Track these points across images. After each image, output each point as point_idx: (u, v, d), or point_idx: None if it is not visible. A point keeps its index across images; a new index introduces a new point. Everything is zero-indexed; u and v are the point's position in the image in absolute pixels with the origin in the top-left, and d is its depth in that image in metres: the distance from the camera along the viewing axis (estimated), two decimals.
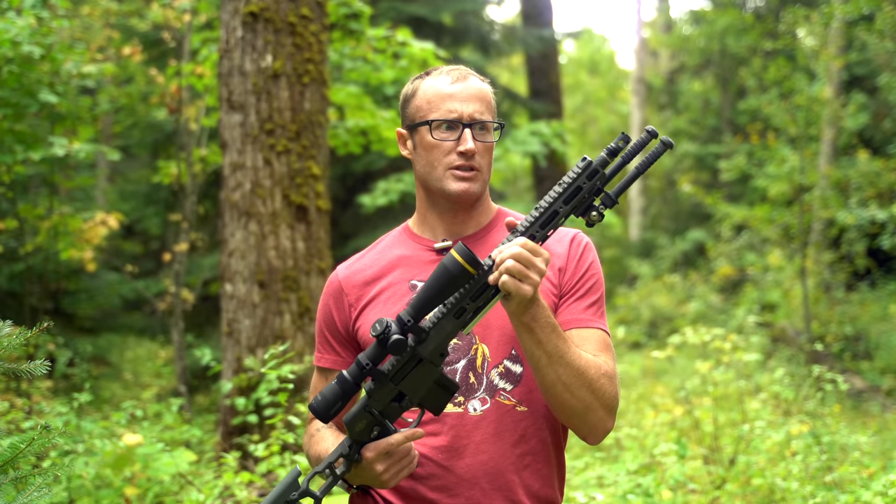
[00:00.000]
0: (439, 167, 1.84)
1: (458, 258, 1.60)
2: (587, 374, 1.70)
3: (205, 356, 4.88)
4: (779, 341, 10.63)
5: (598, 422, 1.75)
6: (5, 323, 1.86)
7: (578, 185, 1.64)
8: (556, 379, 1.69)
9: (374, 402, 1.70)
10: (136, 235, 12.18)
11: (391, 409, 1.70)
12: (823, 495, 3.74)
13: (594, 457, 5.15)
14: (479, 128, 1.84)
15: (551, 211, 1.64)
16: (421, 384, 1.69)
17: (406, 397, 1.70)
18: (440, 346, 1.67)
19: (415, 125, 1.87)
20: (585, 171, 1.63)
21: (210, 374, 6.59)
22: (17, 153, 6.19)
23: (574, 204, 1.65)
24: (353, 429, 1.70)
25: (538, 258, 1.60)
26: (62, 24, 6.37)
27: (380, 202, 8.65)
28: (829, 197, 11.37)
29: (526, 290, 1.60)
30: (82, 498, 3.99)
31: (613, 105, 25.77)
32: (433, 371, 1.68)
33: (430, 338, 1.67)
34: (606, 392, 1.74)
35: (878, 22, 10.49)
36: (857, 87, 13.94)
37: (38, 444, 1.82)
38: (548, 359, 1.67)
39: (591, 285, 1.86)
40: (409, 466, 1.73)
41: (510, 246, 1.61)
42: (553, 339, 1.67)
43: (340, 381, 1.68)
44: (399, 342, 1.62)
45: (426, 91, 1.87)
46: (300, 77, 5.03)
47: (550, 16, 14.15)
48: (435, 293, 1.62)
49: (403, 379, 1.69)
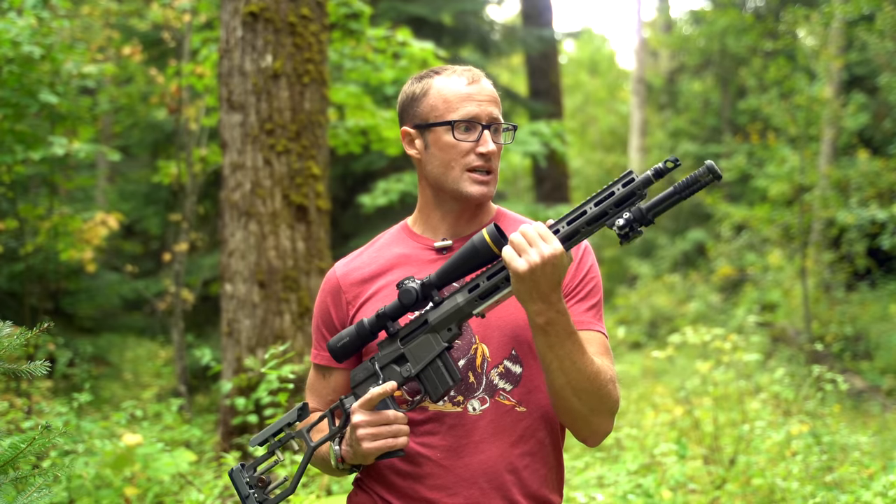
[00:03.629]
0: (457, 168, 1.83)
1: (486, 237, 1.66)
2: (597, 380, 1.71)
3: (205, 356, 4.87)
4: (779, 341, 10.63)
5: (599, 426, 1.77)
6: (5, 323, 1.86)
7: (612, 190, 1.62)
8: (566, 383, 1.69)
9: (379, 358, 1.77)
10: (136, 235, 12.18)
11: (391, 372, 1.75)
12: (823, 495, 3.74)
13: (594, 457, 5.15)
14: (494, 130, 1.85)
15: (580, 210, 1.64)
16: (423, 353, 1.73)
17: (407, 362, 1.74)
18: (449, 317, 1.71)
19: (429, 125, 1.84)
20: (622, 180, 1.61)
21: (210, 374, 6.59)
22: (17, 153, 6.20)
23: (603, 208, 1.61)
24: (354, 378, 1.79)
25: (545, 243, 1.60)
26: (62, 25, 6.37)
27: (380, 202, 8.64)
28: (829, 197, 11.37)
29: (519, 264, 1.60)
30: (82, 498, 3.99)
31: (613, 105, 25.75)
32: (438, 343, 1.72)
33: (441, 305, 1.72)
34: (611, 397, 1.75)
35: (878, 22, 10.49)
36: (857, 87, 13.94)
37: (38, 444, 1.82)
38: (559, 364, 1.68)
39: (591, 288, 1.86)
40: (393, 441, 1.71)
41: (524, 225, 1.64)
42: (568, 345, 1.67)
43: (358, 325, 1.77)
44: (409, 290, 1.71)
45: (441, 90, 1.84)
46: (300, 77, 5.03)
47: (550, 16, 14.16)
48: (458, 265, 1.69)
49: (410, 342, 1.74)
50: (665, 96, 22.31)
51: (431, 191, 1.89)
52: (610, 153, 24.26)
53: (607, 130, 25.03)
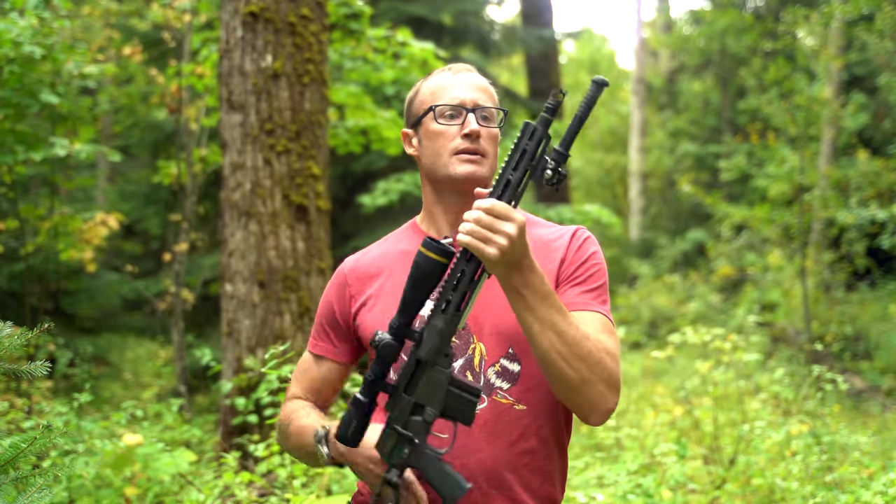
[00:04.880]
0: (444, 153, 1.84)
1: (426, 253, 1.60)
2: (583, 345, 1.66)
3: (205, 356, 4.88)
4: (779, 341, 10.63)
5: (598, 396, 1.69)
6: (5, 323, 1.86)
7: (522, 148, 1.61)
8: (550, 346, 1.65)
9: (394, 419, 1.66)
10: (136, 235, 12.18)
11: (415, 425, 1.65)
12: (823, 495, 3.74)
13: (594, 457, 5.15)
14: (483, 116, 1.85)
15: (504, 181, 1.61)
16: (435, 390, 1.64)
17: (426, 408, 1.64)
18: (439, 346, 1.63)
19: (419, 118, 1.89)
20: (526, 134, 1.61)
21: (210, 374, 6.59)
22: (18, 153, 6.20)
23: (524, 168, 1.61)
24: (383, 451, 1.66)
25: (504, 221, 1.57)
26: (63, 25, 6.37)
27: (380, 202, 8.63)
28: (829, 197, 11.37)
29: (491, 252, 1.57)
30: (82, 498, 3.99)
31: (613, 105, 25.75)
32: (441, 374, 1.64)
33: (424, 339, 1.64)
34: (606, 366, 1.69)
35: (878, 22, 10.49)
36: (857, 87, 13.95)
37: (38, 444, 1.82)
38: (539, 325, 1.64)
39: (592, 273, 1.84)
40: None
41: (469, 212, 1.60)
42: (545, 307, 1.64)
43: (353, 401, 1.67)
44: (388, 345, 1.62)
45: (428, 86, 1.91)
46: (300, 77, 5.03)
47: (550, 16, 14.16)
48: (414, 292, 1.62)
49: (415, 389, 1.65)
50: (665, 96, 22.33)
51: (431, 186, 1.91)
52: (610, 153, 24.26)
53: (607, 130, 25.04)
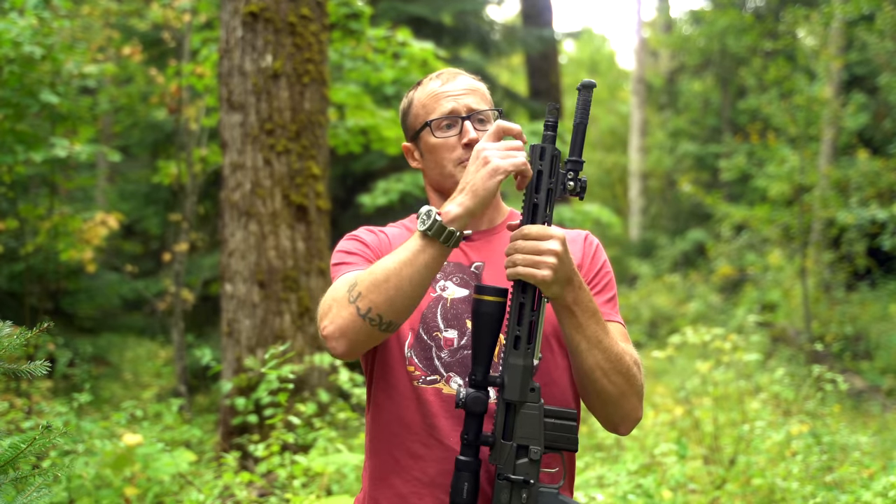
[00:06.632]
0: (448, 165, 1.83)
1: (483, 298, 1.62)
2: (623, 360, 1.71)
3: (205, 356, 4.88)
4: (779, 341, 10.63)
5: (631, 409, 1.76)
6: (5, 323, 1.86)
7: (536, 170, 1.62)
8: (595, 364, 1.69)
9: (502, 469, 1.65)
10: (136, 235, 12.17)
11: (523, 467, 1.65)
12: (823, 495, 3.74)
13: (594, 457, 5.15)
14: (479, 120, 1.85)
15: (530, 207, 1.63)
16: (533, 427, 1.65)
17: (529, 448, 1.65)
18: (522, 383, 1.64)
19: (417, 133, 1.88)
20: (536, 156, 1.62)
21: (210, 374, 6.59)
22: (18, 153, 6.20)
23: (546, 188, 1.62)
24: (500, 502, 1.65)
25: (544, 241, 1.59)
26: (63, 25, 6.37)
27: (380, 202, 8.63)
28: (829, 197, 11.38)
29: (543, 274, 1.58)
30: (82, 498, 3.99)
31: (613, 105, 25.77)
32: (534, 409, 1.65)
33: (506, 381, 1.64)
34: (638, 379, 1.75)
35: (878, 22, 10.49)
36: (857, 87, 13.95)
37: (38, 444, 1.82)
38: (587, 344, 1.68)
39: (606, 283, 1.88)
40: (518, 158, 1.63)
41: (508, 247, 1.62)
42: (592, 324, 1.68)
43: (457, 464, 1.65)
44: (475, 398, 1.63)
45: (420, 97, 1.89)
46: (300, 77, 5.03)
47: (550, 16, 14.16)
48: (484, 339, 1.64)
49: (514, 433, 1.65)
50: (665, 96, 22.33)
51: (437, 195, 1.91)
52: (610, 153, 24.28)
53: (607, 130, 25.05)
